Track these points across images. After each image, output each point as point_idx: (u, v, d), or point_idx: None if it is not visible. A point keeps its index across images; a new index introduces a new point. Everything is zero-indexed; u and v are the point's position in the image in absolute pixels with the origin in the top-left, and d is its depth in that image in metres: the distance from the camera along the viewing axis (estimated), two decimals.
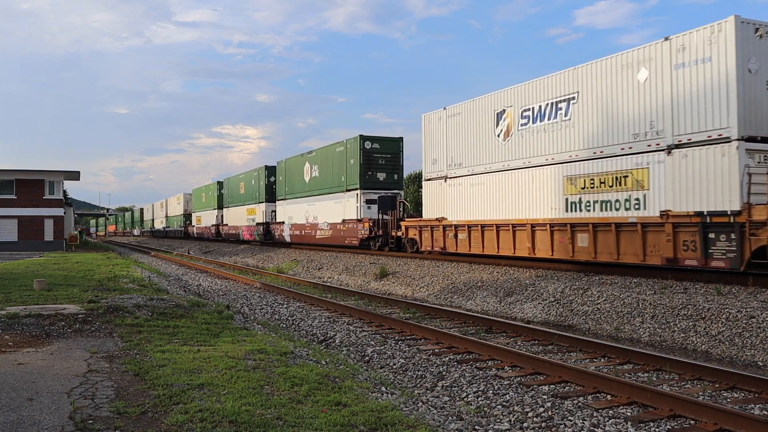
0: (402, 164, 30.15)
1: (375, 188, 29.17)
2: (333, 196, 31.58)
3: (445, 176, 22.68)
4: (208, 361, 7.46)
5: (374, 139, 29.65)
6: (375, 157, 29.27)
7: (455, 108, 22.32)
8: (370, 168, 29.11)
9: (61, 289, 14.47)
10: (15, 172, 43.70)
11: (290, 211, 37.71)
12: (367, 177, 29.10)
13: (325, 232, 31.80)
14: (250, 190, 45.53)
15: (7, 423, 5.22)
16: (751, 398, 7.49)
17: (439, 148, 23.20)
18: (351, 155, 29.78)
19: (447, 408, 7.21)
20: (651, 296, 12.99)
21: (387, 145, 29.80)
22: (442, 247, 22.32)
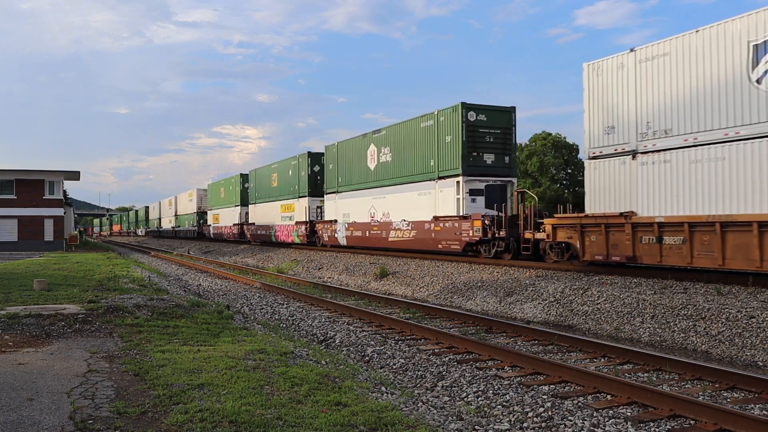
0: (515, 143, 22.83)
1: (481, 174, 21.81)
2: (416, 187, 24.17)
3: (633, 150, 15.40)
4: (208, 361, 7.46)
5: (480, 109, 21.88)
6: (481, 132, 21.79)
7: (655, 47, 15.05)
8: (475, 147, 21.62)
9: (61, 289, 14.47)
10: (15, 172, 43.69)
11: (346, 206, 30.25)
12: (471, 159, 21.54)
13: (404, 232, 24.63)
14: (285, 183, 38.08)
15: (7, 423, 5.22)
16: (751, 398, 7.49)
17: (620, 110, 15.83)
18: (447, 130, 22.33)
19: (447, 408, 7.21)
20: (651, 296, 12.99)
21: (496, 117, 22.16)
22: (630, 256, 15.06)
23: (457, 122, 21.60)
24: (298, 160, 36.36)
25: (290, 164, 37.56)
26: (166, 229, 78.49)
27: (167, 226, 77.83)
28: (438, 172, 22.82)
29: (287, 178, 38.10)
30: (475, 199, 21.66)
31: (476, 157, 21.65)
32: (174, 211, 73.54)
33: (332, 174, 32.06)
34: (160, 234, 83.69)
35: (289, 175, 37.71)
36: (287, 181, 38.01)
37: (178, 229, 71.12)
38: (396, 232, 25.36)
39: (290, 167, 37.56)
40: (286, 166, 38.26)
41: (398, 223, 25.30)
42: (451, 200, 22.00)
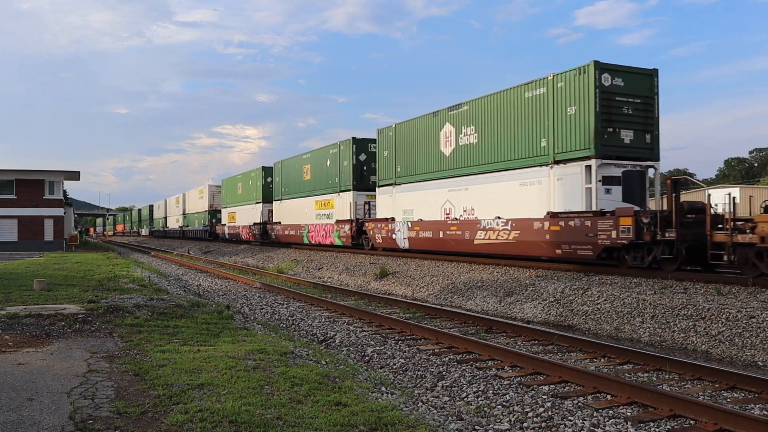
0: (658, 116, 17.27)
1: (618, 157, 16.63)
2: (517, 175, 18.84)
3: None
4: (208, 361, 7.46)
5: (617, 71, 16.59)
6: (618, 102, 16.56)
7: None
8: (611, 121, 16.41)
9: (61, 289, 14.47)
10: (15, 172, 43.70)
11: (408, 201, 24.93)
12: (606, 137, 16.34)
13: (500, 233, 19.12)
14: (322, 175, 32.92)
15: (7, 423, 5.22)
16: (751, 398, 7.50)
17: None
18: (570, 99, 16.95)
19: (447, 408, 7.21)
20: (651, 296, 12.99)
21: (636, 82, 16.85)
22: None
23: (587, 88, 16.37)
24: (339, 148, 30.69)
25: (328, 153, 32.11)
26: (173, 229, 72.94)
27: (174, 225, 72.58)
28: (554, 154, 17.40)
29: (324, 170, 32.55)
30: (610, 189, 16.55)
31: (612, 134, 16.47)
32: (182, 209, 68.13)
33: (387, 162, 26.47)
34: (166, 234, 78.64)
35: (327, 166, 32.12)
36: (324, 174, 32.49)
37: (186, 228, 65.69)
38: (486, 232, 19.70)
39: (328, 157, 32.09)
40: (323, 156, 32.77)
41: (489, 221, 19.59)
42: (576, 191, 16.75)
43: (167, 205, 77.88)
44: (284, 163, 38.87)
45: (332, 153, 31.75)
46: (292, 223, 36.67)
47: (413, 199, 24.61)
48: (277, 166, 40.24)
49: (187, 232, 65.32)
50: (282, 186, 39.04)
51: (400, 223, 25.18)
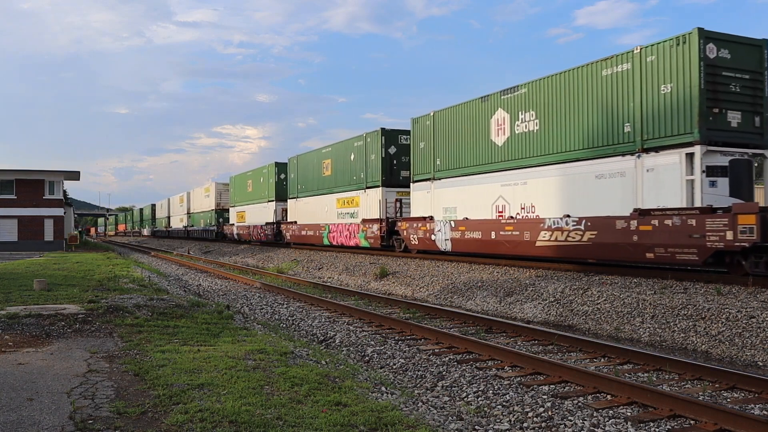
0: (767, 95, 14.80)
1: (725, 143, 14.21)
2: (592, 167, 16.22)
3: None
4: (208, 361, 7.46)
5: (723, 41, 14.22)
6: (725, 78, 14.19)
7: None
8: (717, 100, 14.04)
9: (61, 289, 14.47)
10: (15, 172, 43.69)
11: (450, 197, 22.03)
12: (711, 120, 13.95)
13: (570, 234, 16.46)
14: (345, 170, 30.03)
15: (7, 423, 5.22)
16: (751, 398, 7.49)
17: None
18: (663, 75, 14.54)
19: (447, 408, 7.21)
20: (651, 296, 12.99)
21: (743, 55, 14.52)
22: None
23: (687, 60, 13.98)
24: (365, 141, 27.86)
25: (352, 146, 29.28)
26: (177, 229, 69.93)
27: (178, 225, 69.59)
28: (641, 141, 14.93)
29: (347, 165, 29.67)
30: (715, 181, 14.07)
31: (717, 116, 14.03)
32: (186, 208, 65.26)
33: (424, 155, 23.66)
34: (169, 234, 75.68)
35: (351, 161, 29.20)
36: (347, 169, 29.65)
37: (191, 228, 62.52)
38: (551, 233, 17.10)
39: (352, 150, 29.25)
40: (346, 150, 29.93)
41: (555, 220, 17.05)
42: (672, 183, 14.29)
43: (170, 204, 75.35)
44: (300, 158, 35.67)
45: (357, 146, 28.64)
46: (310, 222, 33.47)
47: (456, 196, 21.58)
48: (293, 162, 36.84)
49: (192, 232, 62.30)
50: (298, 183, 35.78)
51: (440, 222, 22.04)
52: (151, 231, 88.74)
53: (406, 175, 26.12)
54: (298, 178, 36.04)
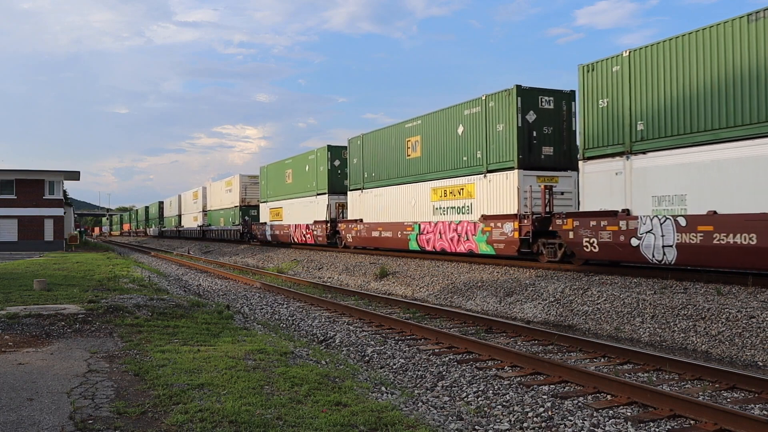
0: None
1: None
2: None
3: None
4: (208, 361, 7.46)
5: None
6: None
7: None
8: None
9: (61, 289, 14.47)
10: (15, 172, 43.70)
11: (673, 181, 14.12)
12: None
13: None
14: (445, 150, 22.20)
15: (7, 423, 5.22)
16: (751, 398, 7.50)
17: None
18: None
19: (447, 408, 7.21)
20: (651, 296, 12.99)
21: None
22: None
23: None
24: (485, 106, 19.94)
25: (460, 116, 21.44)
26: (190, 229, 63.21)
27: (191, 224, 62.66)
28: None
29: (451, 142, 21.92)
30: None
31: None
32: (201, 205, 58.48)
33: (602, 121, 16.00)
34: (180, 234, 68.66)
35: (458, 136, 21.43)
36: (451, 148, 21.91)
37: (208, 228, 55.50)
38: None
39: (460, 122, 21.38)
40: (449, 122, 22.06)
41: None
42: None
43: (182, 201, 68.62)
44: (368, 138, 28.13)
45: (470, 115, 20.95)
46: (386, 220, 25.93)
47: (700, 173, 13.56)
48: (355, 144, 29.36)
49: (210, 232, 54.85)
50: (364, 170, 28.20)
51: (665, 219, 14.10)
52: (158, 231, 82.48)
53: (549, 152, 18.63)
54: (365, 164, 28.18)
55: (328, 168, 32.27)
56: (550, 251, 17.99)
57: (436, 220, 22.62)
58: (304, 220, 34.59)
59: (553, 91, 19.08)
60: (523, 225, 18.05)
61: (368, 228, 27.43)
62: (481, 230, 19.88)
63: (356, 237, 28.46)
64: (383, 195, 26.75)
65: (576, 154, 17.91)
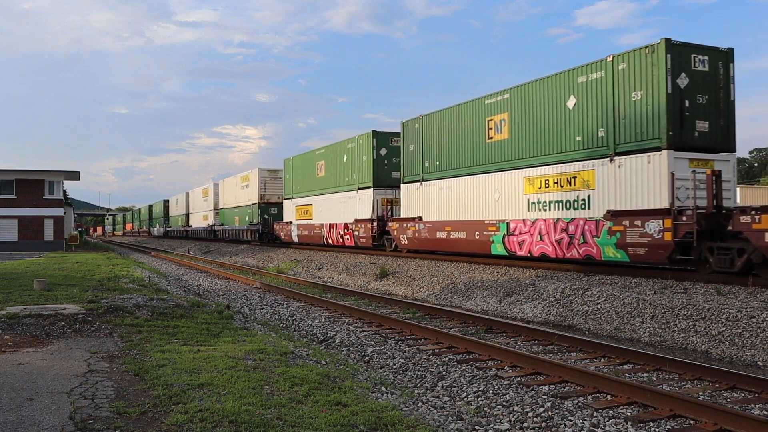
0: None
1: None
2: None
3: None
4: (208, 361, 7.46)
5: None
6: None
7: None
8: None
9: (61, 289, 14.47)
10: (15, 172, 43.70)
11: None
12: None
13: None
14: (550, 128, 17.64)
15: (7, 423, 5.22)
16: (751, 398, 7.50)
17: None
18: None
19: (447, 408, 7.21)
20: (651, 296, 12.99)
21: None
22: None
23: None
24: (613, 68, 15.60)
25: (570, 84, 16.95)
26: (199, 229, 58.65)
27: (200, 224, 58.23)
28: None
29: (555, 119, 17.40)
30: None
31: None
32: (212, 203, 54.29)
33: None
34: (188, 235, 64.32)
35: (567, 110, 16.93)
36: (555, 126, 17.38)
37: (220, 228, 51.06)
38: None
39: (571, 89, 16.89)
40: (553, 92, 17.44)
41: None
42: None
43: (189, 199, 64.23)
44: (429, 120, 23.42)
45: (587, 82, 16.41)
46: (458, 218, 21.29)
47: None
48: (411, 129, 24.60)
49: (222, 232, 50.59)
50: (425, 158, 23.64)
51: None
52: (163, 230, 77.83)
53: (704, 128, 14.90)
54: (425, 151, 23.68)
55: (373, 157, 27.30)
56: (724, 259, 13.36)
57: (534, 217, 17.84)
58: (340, 219, 29.76)
59: (708, 49, 14.95)
60: (681, 223, 13.73)
61: (431, 228, 22.68)
62: (608, 230, 15.24)
63: (414, 239, 23.83)
64: (452, 188, 21.87)
65: (734, 130, 15.13)
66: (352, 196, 29.14)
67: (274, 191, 42.58)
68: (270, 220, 41.18)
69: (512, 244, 18.64)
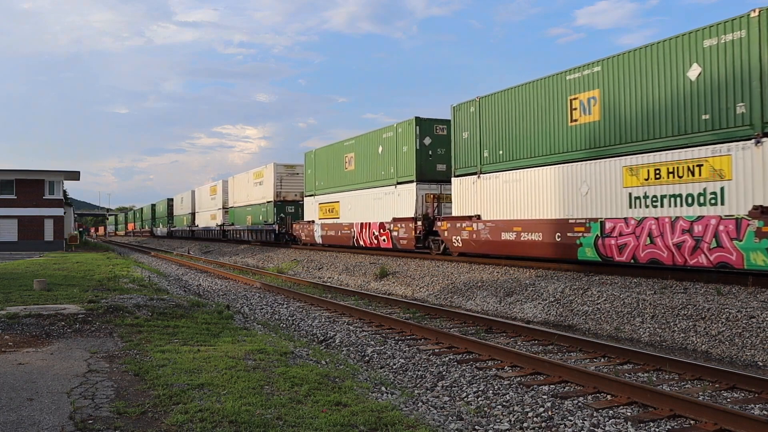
0: None
1: None
2: None
3: None
4: (208, 361, 7.46)
5: None
6: None
7: None
8: None
9: (61, 289, 14.47)
10: (15, 172, 43.70)
11: None
12: None
13: None
14: (675, 102, 13.91)
15: (7, 423, 5.22)
16: (751, 398, 7.50)
17: None
18: None
19: (447, 408, 7.21)
20: (651, 296, 12.99)
21: None
22: None
23: None
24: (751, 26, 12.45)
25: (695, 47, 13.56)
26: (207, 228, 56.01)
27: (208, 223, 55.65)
28: None
29: (670, 92, 14.16)
30: None
31: None
32: (221, 201, 51.49)
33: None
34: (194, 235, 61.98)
35: (690, 81, 13.60)
36: (672, 101, 14.15)
37: (230, 228, 48.58)
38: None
39: (697, 55, 13.52)
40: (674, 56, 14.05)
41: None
42: None
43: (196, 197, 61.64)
44: (488, 102, 20.08)
45: (718, 46, 13.16)
46: (529, 217, 18.18)
47: None
48: (465, 113, 21.17)
49: (232, 232, 47.95)
50: (483, 146, 20.20)
51: None
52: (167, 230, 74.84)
53: None
54: (483, 138, 20.16)
55: (416, 148, 23.80)
56: None
57: (640, 215, 14.65)
58: (375, 218, 26.47)
59: None
60: None
61: (494, 228, 19.19)
62: (755, 232, 12.19)
63: (470, 241, 20.24)
64: (520, 180, 18.70)
65: None
66: (389, 191, 25.62)
67: (291, 188, 39.42)
68: (289, 219, 37.90)
69: (608, 248, 15.35)
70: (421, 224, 23.18)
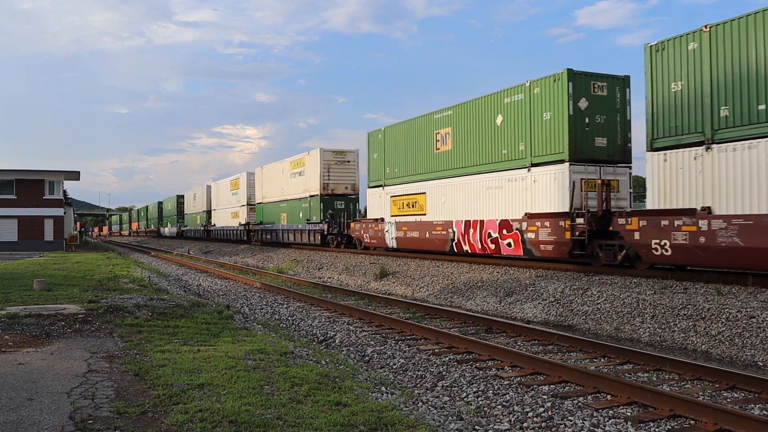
0: None
1: None
2: None
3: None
4: (208, 361, 7.46)
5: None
6: None
7: None
8: None
9: (61, 289, 14.47)
10: (15, 172, 43.69)
11: None
12: None
13: None
14: None
15: (7, 423, 5.22)
16: (751, 398, 7.50)
17: None
18: None
19: (447, 408, 7.21)
20: (651, 296, 12.99)
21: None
22: None
23: None
24: None
25: None
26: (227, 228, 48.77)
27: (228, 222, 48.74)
28: None
29: None
30: None
31: None
32: (245, 197, 44.79)
33: None
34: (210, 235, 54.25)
35: None
36: None
37: (258, 227, 41.57)
38: None
39: None
40: None
41: None
42: None
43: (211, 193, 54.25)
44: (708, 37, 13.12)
45: None
46: None
47: None
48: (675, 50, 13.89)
49: (260, 233, 41.07)
50: (716, 102, 13.12)
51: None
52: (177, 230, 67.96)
53: None
54: (714, 90, 13.16)
55: (569, 113, 16.84)
56: None
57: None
58: (490, 214, 19.83)
59: None
60: None
61: (741, 230, 12.39)
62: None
63: (687, 248, 13.49)
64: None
65: None
66: (516, 177, 18.84)
67: (341, 179, 32.82)
68: (340, 216, 31.54)
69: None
70: (584, 221, 16.33)
